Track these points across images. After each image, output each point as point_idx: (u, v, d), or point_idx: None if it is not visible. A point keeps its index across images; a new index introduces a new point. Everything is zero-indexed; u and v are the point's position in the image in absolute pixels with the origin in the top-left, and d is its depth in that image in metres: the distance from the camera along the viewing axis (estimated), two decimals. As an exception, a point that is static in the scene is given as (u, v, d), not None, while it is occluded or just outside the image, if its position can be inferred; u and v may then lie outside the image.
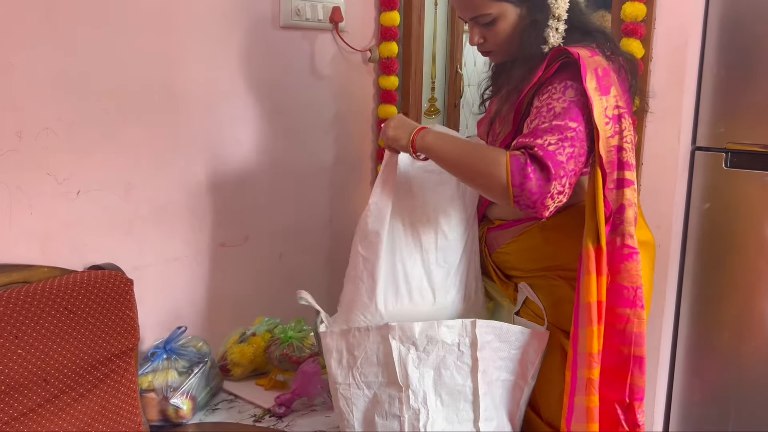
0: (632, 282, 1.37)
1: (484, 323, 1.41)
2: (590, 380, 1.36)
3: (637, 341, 1.38)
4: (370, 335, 1.40)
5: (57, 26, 1.56)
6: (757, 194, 1.94)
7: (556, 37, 1.43)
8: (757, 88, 1.90)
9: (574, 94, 1.35)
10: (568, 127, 1.32)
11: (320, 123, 2.23)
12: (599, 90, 1.34)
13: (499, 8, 1.44)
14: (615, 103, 1.36)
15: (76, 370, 1.49)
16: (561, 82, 1.37)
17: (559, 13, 1.43)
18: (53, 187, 1.60)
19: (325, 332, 1.44)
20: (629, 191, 1.37)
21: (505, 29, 1.46)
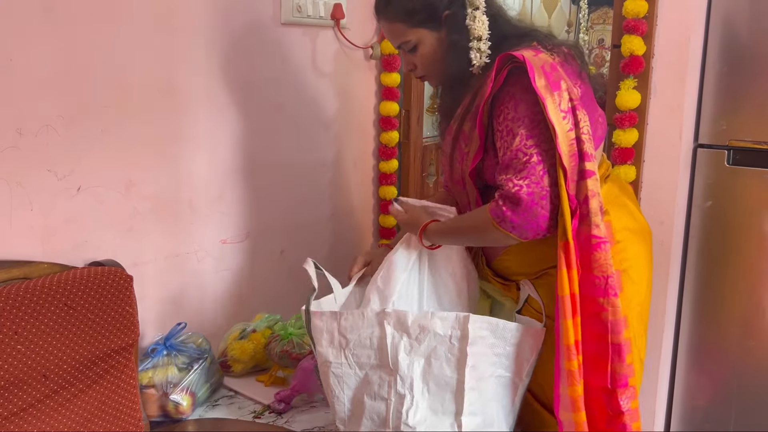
0: (602, 272, 1.38)
1: (478, 318, 1.43)
2: (570, 371, 1.38)
3: (614, 329, 1.39)
4: (365, 319, 1.45)
5: (57, 23, 1.57)
6: (760, 192, 1.93)
7: (480, 58, 1.47)
8: (759, 85, 1.89)
9: (525, 108, 1.38)
10: (528, 152, 1.37)
11: (322, 120, 2.23)
12: (549, 87, 1.36)
13: (416, 34, 1.50)
14: (567, 96, 1.38)
15: (76, 366, 1.50)
16: (511, 98, 1.40)
17: (479, 33, 1.47)
18: (53, 183, 1.61)
19: (316, 312, 1.48)
20: (591, 181, 1.37)
21: (427, 54, 1.52)
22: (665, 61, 1.89)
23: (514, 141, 1.38)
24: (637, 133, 1.93)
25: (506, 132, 1.40)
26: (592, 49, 3.18)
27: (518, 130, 1.38)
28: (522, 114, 1.38)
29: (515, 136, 1.38)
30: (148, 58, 1.74)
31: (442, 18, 1.49)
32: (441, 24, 1.49)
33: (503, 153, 1.40)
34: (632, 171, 1.94)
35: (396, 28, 1.52)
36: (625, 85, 1.90)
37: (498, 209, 1.38)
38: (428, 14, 1.48)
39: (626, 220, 1.55)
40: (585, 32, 3.18)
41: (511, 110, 1.40)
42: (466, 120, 1.51)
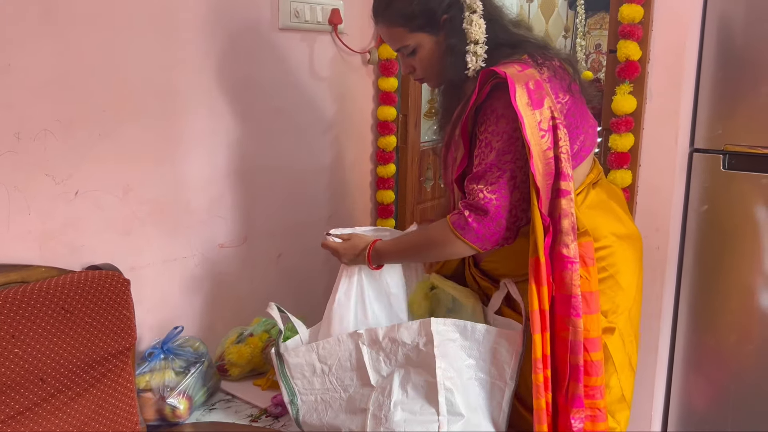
0: (568, 291, 1.39)
1: (441, 321, 1.46)
2: (536, 385, 1.39)
3: (573, 349, 1.40)
4: (341, 344, 1.52)
5: (55, 27, 1.57)
6: (755, 196, 1.94)
7: (476, 61, 1.48)
8: (755, 90, 1.90)
9: (506, 124, 1.40)
10: (502, 167, 1.41)
11: (319, 124, 2.24)
12: (531, 105, 1.37)
13: (415, 39, 1.51)
14: (550, 114, 1.39)
15: (73, 369, 1.50)
16: (493, 112, 1.42)
17: (476, 37, 1.47)
18: (51, 187, 1.61)
19: (290, 351, 1.55)
20: (564, 201, 1.39)
21: (426, 57, 1.53)
22: (661, 66, 1.90)
23: (491, 154, 1.42)
24: (633, 137, 1.93)
25: (485, 144, 1.43)
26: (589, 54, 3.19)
27: (496, 144, 1.41)
28: (502, 129, 1.41)
29: (492, 150, 1.42)
30: (146, 63, 1.75)
31: (441, 22, 1.49)
32: (439, 28, 1.50)
33: (478, 163, 1.44)
34: (628, 175, 1.94)
35: (395, 32, 1.52)
36: (621, 90, 1.91)
37: (462, 219, 1.43)
38: (427, 18, 1.49)
39: (614, 225, 1.56)
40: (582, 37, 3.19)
41: (492, 124, 1.42)
42: (457, 126, 1.53)
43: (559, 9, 3.39)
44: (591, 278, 1.43)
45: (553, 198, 1.40)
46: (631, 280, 1.56)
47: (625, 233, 1.58)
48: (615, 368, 1.52)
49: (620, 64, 1.91)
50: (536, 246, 1.38)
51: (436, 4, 1.48)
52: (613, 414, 1.53)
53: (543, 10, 3.44)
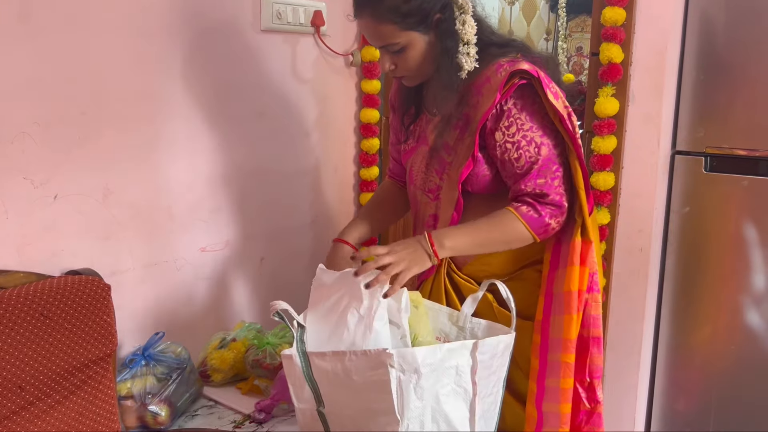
0: (592, 268, 1.49)
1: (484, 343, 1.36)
2: (567, 364, 1.46)
3: (594, 323, 1.50)
4: (367, 360, 1.28)
5: (33, 29, 1.54)
6: (736, 198, 1.96)
7: (470, 62, 1.48)
8: (736, 92, 1.92)
9: (541, 119, 1.46)
10: (557, 161, 1.47)
11: (302, 126, 2.22)
12: (554, 97, 1.43)
13: (407, 37, 1.48)
14: (564, 104, 1.46)
15: (53, 376, 1.48)
16: (523, 109, 1.45)
17: (468, 38, 1.48)
18: (30, 191, 1.58)
19: (318, 353, 1.35)
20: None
21: (415, 56, 1.50)
22: (643, 68, 1.91)
23: (541, 149, 1.45)
24: (615, 140, 1.94)
25: (527, 142, 1.45)
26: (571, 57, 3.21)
27: (542, 140, 1.45)
28: (541, 124, 1.46)
29: (541, 146, 1.45)
30: (125, 65, 1.73)
31: (434, 21, 1.47)
32: (431, 27, 1.48)
33: (528, 163, 1.46)
34: (611, 178, 1.95)
35: (385, 29, 1.47)
36: (603, 93, 1.92)
37: (540, 222, 1.45)
38: (421, 17, 1.46)
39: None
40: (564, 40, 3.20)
41: (528, 121, 1.45)
42: (449, 129, 1.52)
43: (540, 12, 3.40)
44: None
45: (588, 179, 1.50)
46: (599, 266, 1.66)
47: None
48: None
49: (603, 66, 1.92)
50: (584, 228, 1.47)
51: (430, 3, 1.46)
52: None
53: (524, 13, 3.45)
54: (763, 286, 1.95)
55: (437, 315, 1.57)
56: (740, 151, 1.94)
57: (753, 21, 1.88)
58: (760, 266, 1.94)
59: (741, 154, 1.93)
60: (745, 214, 1.95)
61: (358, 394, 1.33)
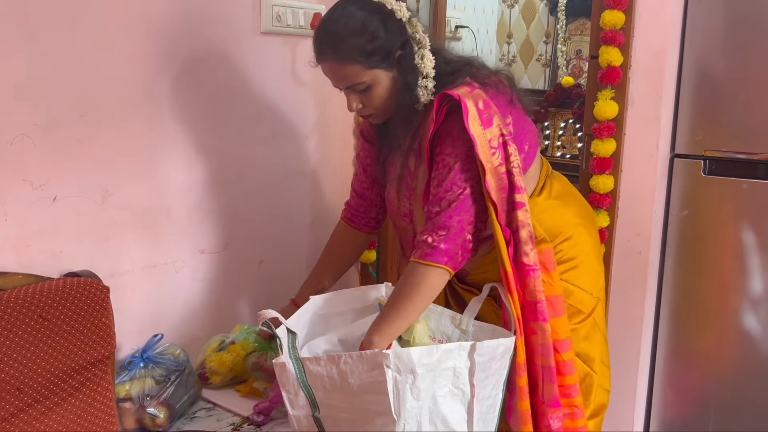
0: (533, 297, 1.45)
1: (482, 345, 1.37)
2: (520, 387, 1.45)
3: (543, 352, 1.46)
4: (363, 362, 1.31)
5: (33, 31, 1.55)
6: (735, 201, 1.96)
7: (426, 95, 1.52)
8: (734, 96, 1.92)
9: (461, 144, 1.44)
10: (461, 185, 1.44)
11: (302, 128, 2.22)
12: (482, 124, 1.43)
13: (371, 75, 1.51)
14: (499, 132, 1.45)
15: (51, 378, 1.48)
16: (449, 134, 1.46)
17: (426, 71, 1.51)
18: (29, 193, 1.58)
19: (311, 358, 1.37)
20: (521, 213, 1.45)
21: (380, 94, 1.53)
22: (642, 71, 1.91)
23: (449, 174, 1.45)
24: (614, 143, 1.94)
25: (443, 166, 1.46)
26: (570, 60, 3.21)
27: (454, 165, 1.45)
28: (458, 150, 1.45)
29: (450, 170, 1.45)
30: (125, 67, 1.73)
31: (396, 58, 1.51)
32: (393, 64, 1.51)
33: (437, 184, 1.47)
34: (610, 181, 1.95)
35: (350, 69, 1.50)
36: (602, 96, 1.92)
37: (425, 247, 1.43)
38: (383, 55, 1.50)
39: (579, 208, 1.68)
40: (563, 43, 3.20)
41: (449, 146, 1.46)
42: (410, 157, 1.58)
43: (539, 15, 3.41)
44: (554, 282, 1.50)
45: (510, 210, 1.46)
46: (594, 262, 1.67)
47: (587, 214, 1.71)
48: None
49: (602, 69, 1.92)
50: (502, 259, 1.45)
51: (391, 40, 1.49)
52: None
53: (524, 16, 3.46)
54: (762, 289, 1.95)
55: (440, 317, 1.58)
56: (739, 154, 1.93)
57: (752, 24, 1.88)
58: (758, 270, 1.94)
59: (740, 157, 1.93)
60: (744, 217, 1.95)
61: (355, 396, 1.33)
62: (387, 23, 1.49)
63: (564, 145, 2.96)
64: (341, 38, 1.49)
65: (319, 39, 1.54)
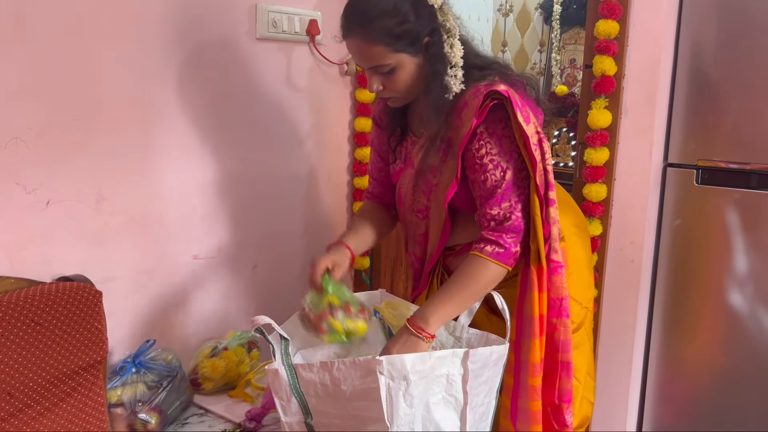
0: (558, 294, 1.48)
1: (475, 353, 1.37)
2: (533, 387, 1.47)
3: (563, 348, 1.49)
4: (356, 369, 1.30)
5: (28, 35, 1.55)
6: (728, 210, 1.97)
7: (457, 84, 1.50)
8: (727, 106, 1.93)
9: (509, 143, 1.46)
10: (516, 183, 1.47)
11: (296, 135, 2.23)
12: (525, 121, 1.44)
13: (397, 59, 1.49)
14: (535, 129, 1.46)
15: (43, 383, 1.47)
16: (494, 133, 1.47)
17: (455, 60, 1.49)
18: (22, 197, 1.58)
19: (304, 365, 1.36)
20: (553, 210, 1.47)
21: (404, 78, 1.51)
22: (636, 81, 1.92)
23: (506, 174, 1.46)
24: (608, 152, 1.95)
25: (494, 165, 1.46)
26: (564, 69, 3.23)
27: (508, 164, 1.46)
28: (508, 149, 1.46)
29: (505, 170, 1.46)
30: (120, 72, 1.73)
31: (423, 44, 1.49)
32: (420, 50, 1.49)
33: (492, 185, 1.46)
34: (603, 189, 1.96)
35: (376, 50, 1.48)
36: (596, 105, 1.93)
37: (508, 254, 1.45)
38: (411, 40, 1.47)
39: (573, 216, 1.68)
40: (557, 52, 3.22)
41: (496, 145, 1.46)
42: (432, 152, 1.55)
43: (534, 24, 3.43)
44: (567, 282, 1.52)
45: (545, 207, 1.47)
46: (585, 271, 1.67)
47: (581, 223, 1.72)
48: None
49: (596, 79, 1.93)
50: (539, 254, 1.46)
51: (421, 26, 1.47)
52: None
53: (519, 25, 3.47)
54: (753, 298, 1.96)
55: None
56: (732, 164, 1.95)
57: (744, 35, 1.89)
58: (750, 278, 1.95)
59: (732, 167, 1.95)
60: (736, 226, 1.96)
61: (347, 403, 1.33)
62: (418, 7, 1.47)
63: (558, 153, 2.97)
64: (371, 17, 1.45)
65: (349, 15, 1.50)
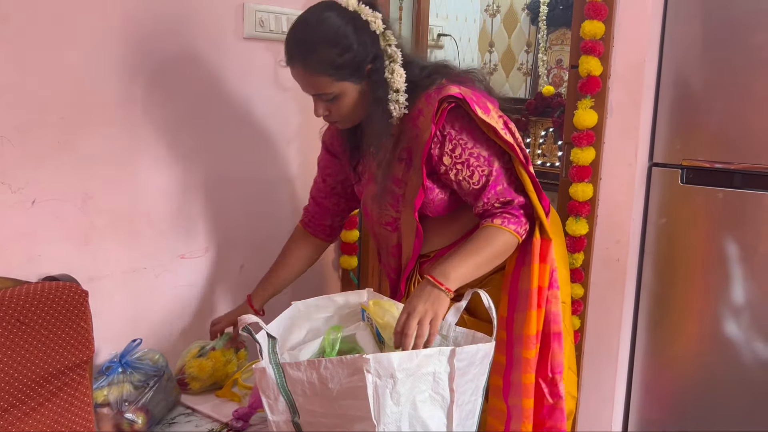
0: (552, 264, 1.54)
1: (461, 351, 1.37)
2: (527, 360, 1.51)
3: (554, 319, 1.55)
4: (344, 368, 1.30)
5: (12, 34, 1.53)
6: (712, 210, 1.99)
7: (398, 109, 1.53)
8: (711, 106, 1.95)
9: (480, 135, 1.50)
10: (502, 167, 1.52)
11: (284, 134, 2.22)
12: (485, 112, 1.47)
13: (340, 87, 1.51)
14: (498, 115, 1.51)
15: (28, 383, 1.46)
16: (460, 132, 1.50)
17: (397, 86, 1.52)
18: (7, 196, 1.57)
19: (292, 363, 1.36)
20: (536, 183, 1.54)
21: (348, 104, 1.54)
22: (621, 81, 1.94)
23: (491, 162, 1.50)
24: (594, 151, 1.97)
25: (475, 158, 1.50)
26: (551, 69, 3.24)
27: (489, 152, 1.50)
28: (481, 139, 1.50)
29: (489, 158, 1.51)
30: (106, 70, 1.72)
31: (366, 72, 1.51)
32: (363, 77, 1.52)
33: (482, 177, 1.50)
34: (589, 189, 1.97)
35: (318, 79, 1.50)
36: (582, 105, 1.94)
37: (519, 223, 1.51)
38: (353, 68, 1.50)
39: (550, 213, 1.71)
40: (544, 52, 3.24)
41: (469, 140, 1.50)
42: (394, 165, 1.58)
43: (521, 24, 3.44)
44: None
45: (535, 181, 1.54)
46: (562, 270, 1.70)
47: (556, 219, 1.78)
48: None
49: (582, 79, 1.94)
50: (542, 227, 1.53)
51: (363, 53, 1.49)
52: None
53: (505, 25, 3.49)
54: (738, 296, 1.98)
55: None
56: (716, 164, 1.97)
57: (729, 36, 1.92)
58: (734, 277, 1.97)
59: (717, 166, 1.97)
60: (720, 225, 1.98)
61: (335, 401, 1.33)
62: (360, 35, 1.48)
63: (544, 153, 2.99)
64: (312, 48, 1.48)
65: (291, 43, 1.53)
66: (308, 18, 1.52)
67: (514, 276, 1.55)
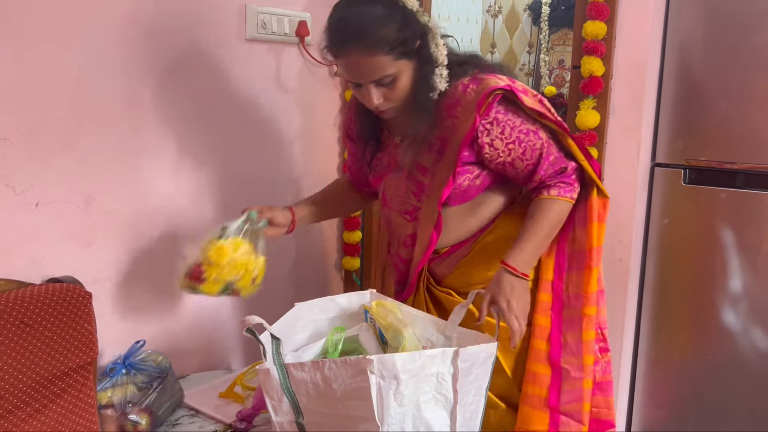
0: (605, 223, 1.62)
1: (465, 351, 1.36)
2: (590, 317, 1.57)
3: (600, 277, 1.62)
4: (347, 368, 1.29)
5: (16, 36, 1.54)
6: (715, 210, 1.98)
7: (442, 83, 1.52)
8: (714, 106, 1.95)
9: (526, 118, 1.53)
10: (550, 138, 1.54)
11: (286, 136, 2.23)
12: (529, 96, 1.52)
13: (398, 67, 1.48)
14: (537, 98, 1.55)
15: (32, 385, 1.46)
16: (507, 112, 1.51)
17: (441, 59, 1.52)
18: (11, 198, 1.57)
19: (295, 364, 1.35)
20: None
21: (404, 85, 1.51)
22: (624, 82, 1.94)
23: (540, 134, 1.53)
24: (596, 151, 1.96)
25: (525, 134, 1.52)
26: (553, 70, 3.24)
27: (535, 126, 1.53)
28: (525, 117, 1.53)
29: (537, 132, 1.53)
30: (109, 71, 1.73)
31: (416, 48, 1.49)
32: (414, 54, 1.49)
33: (535, 151, 1.52)
34: (592, 189, 1.97)
35: (378, 61, 1.44)
36: (584, 105, 1.94)
37: (572, 189, 1.55)
38: (409, 45, 1.47)
39: None
40: (546, 53, 3.23)
41: (516, 117, 1.52)
42: (423, 152, 1.56)
43: (523, 25, 3.44)
44: None
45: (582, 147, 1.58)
46: None
47: None
48: None
49: (584, 79, 1.94)
50: (598, 187, 1.57)
51: (413, 30, 1.47)
52: None
53: (507, 26, 3.49)
54: (740, 296, 1.97)
55: (425, 324, 1.58)
56: (718, 164, 1.96)
57: (731, 35, 1.91)
58: (737, 277, 1.97)
59: (719, 166, 1.96)
60: (723, 225, 1.97)
61: (338, 402, 1.33)
62: (404, 13, 1.47)
63: (547, 153, 2.98)
64: (369, 29, 1.42)
65: (342, 30, 1.46)
66: (352, 6, 1.47)
67: (562, 239, 1.59)
